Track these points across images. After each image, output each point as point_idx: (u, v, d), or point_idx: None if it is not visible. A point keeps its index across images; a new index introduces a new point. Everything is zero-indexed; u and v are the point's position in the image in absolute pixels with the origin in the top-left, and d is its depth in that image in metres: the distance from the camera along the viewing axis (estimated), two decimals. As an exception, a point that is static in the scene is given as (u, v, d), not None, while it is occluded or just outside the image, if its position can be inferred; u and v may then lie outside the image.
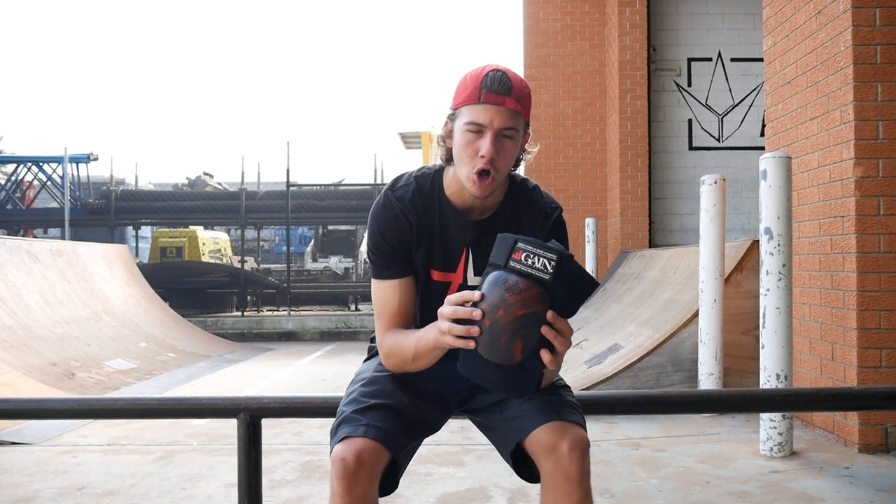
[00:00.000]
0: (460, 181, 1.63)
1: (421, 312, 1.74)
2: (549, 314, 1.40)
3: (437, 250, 1.69)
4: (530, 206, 1.70)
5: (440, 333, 1.48)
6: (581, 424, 1.58)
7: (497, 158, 1.56)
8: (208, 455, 3.77)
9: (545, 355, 1.42)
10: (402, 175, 1.73)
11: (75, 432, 4.28)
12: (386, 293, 1.69)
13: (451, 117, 1.62)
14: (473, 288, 1.56)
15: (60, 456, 3.78)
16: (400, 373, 1.67)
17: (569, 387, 1.73)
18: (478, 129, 1.56)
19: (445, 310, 1.47)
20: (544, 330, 1.41)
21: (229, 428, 4.04)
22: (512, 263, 1.39)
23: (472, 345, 1.42)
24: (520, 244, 1.39)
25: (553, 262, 1.37)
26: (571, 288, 1.41)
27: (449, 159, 1.66)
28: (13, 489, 3.24)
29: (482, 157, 1.56)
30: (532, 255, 1.37)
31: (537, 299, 1.38)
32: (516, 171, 1.74)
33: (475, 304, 1.42)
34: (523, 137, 1.63)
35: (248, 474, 1.98)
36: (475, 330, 1.40)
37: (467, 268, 1.70)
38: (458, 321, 1.45)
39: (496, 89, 1.55)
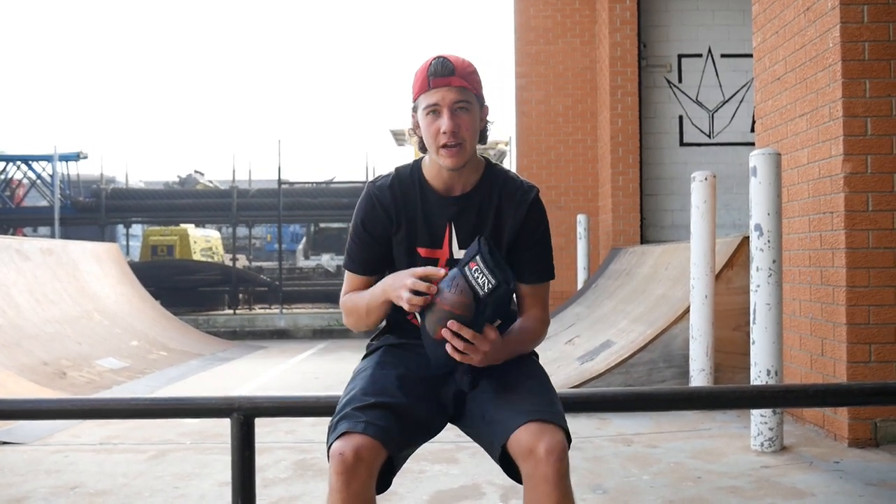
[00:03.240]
0: (437, 164, 1.76)
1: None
2: (453, 324, 1.59)
3: (421, 229, 1.80)
4: (508, 183, 1.82)
5: (395, 289, 1.66)
6: (557, 422, 1.58)
7: (458, 130, 1.70)
8: (201, 454, 3.77)
9: (448, 347, 1.61)
10: (385, 172, 1.89)
11: (67, 431, 4.27)
12: (352, 280, 1.87)
13: (414, 109, 1.77)
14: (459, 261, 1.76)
15: (52, 455, 3.77)
16: (358, 331, 1.90)
17: (545, 374, 1.78)
18: (434, 110, 1.71)
19: (408, 280, 1.64)
20: (444, 332, 1.60)
21: (222, 426, 4.03)
22: (465, 270, 1.61)
23: (416, 307, 1.64)
24: (478, 257, 1.60)
25: (490, 286, 1.57)
26: (496, 310, 1.63)
27: (423, 148, 1.79)
28: (5, 489, 3.23)
29: (444, 133, 1.70)
30: (479, 272, 1.58)
31: (464, 307, 1.60)
32: (488, 148, 1.84)
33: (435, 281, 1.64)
34: (480, 110, 1.77)
35: (242, 474, 1.99)
36: (417, 300, 1.62)
37: (451, 243, 1.80)
38: (416, 293, 1.62)
39: (440, 73, 1.71)
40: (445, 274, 1.65)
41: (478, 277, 1.57)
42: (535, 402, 1.62)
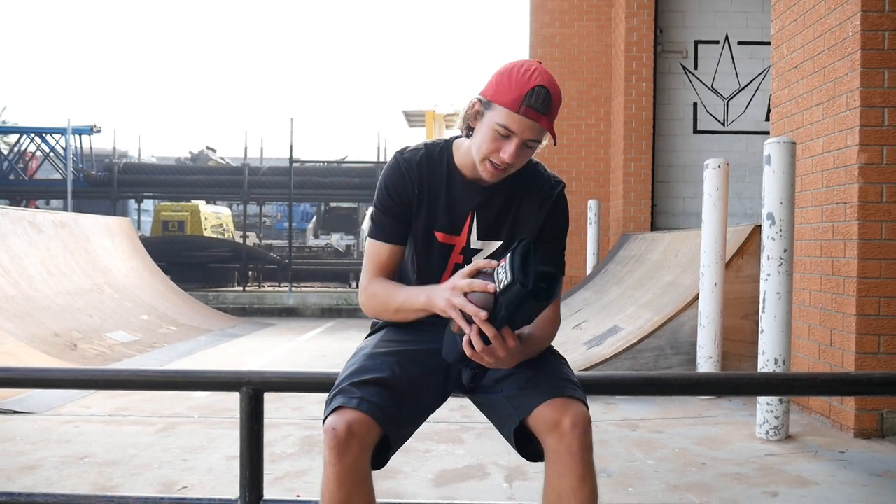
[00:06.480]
0: (471, 155, 1.71)
1: (419, 272, 1.79)
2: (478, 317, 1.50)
3: (442, 213, 1.76)
4: (535, 178, 1.80)
5: (446, 301, 1.55)
6: (582, 400, 1.61)
7: (514, 162, 1.66)
8: (209, 427, 3.81)
9: (464, 341, 1.52)
10: (413, 144, 1.82)
11: (77, 402, 4.32)
12: (379, 250, 1.78)
13: (485, 105, 1.66)
14: (475, 251, 1.77)
15: (63, 426, 3.82)
16: (375, 318, 1.82)
17: (565, 360, 1.77)
18: (507, 135, 1.63)
19: (461, 282, 1.53)
20: (463, 325, 1.52)
21: (230, 401, 4.07)
22: (497, 267, 1.52)
23: (467, 327, 1.52)
24: (508, 255, 1.48)
25: (505, 282, 1.47)
26: (514, 313, 1.51)
27: (468, 133, 1.72)
28: (16, 457, 3.27)
29: (502, 157, 1.64)
30: (503, 268, 1.48)
31: (482, 299, 1.51)
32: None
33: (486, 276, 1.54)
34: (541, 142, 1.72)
35: (250, 447, 2.01)
36: (483, 314, 1.50)
37: (471, 231, 1.77)
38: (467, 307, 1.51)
39: (537, 107, 1.61)
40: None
41: (499, 273, 1.48)
42: (557, 379, 1.63)
